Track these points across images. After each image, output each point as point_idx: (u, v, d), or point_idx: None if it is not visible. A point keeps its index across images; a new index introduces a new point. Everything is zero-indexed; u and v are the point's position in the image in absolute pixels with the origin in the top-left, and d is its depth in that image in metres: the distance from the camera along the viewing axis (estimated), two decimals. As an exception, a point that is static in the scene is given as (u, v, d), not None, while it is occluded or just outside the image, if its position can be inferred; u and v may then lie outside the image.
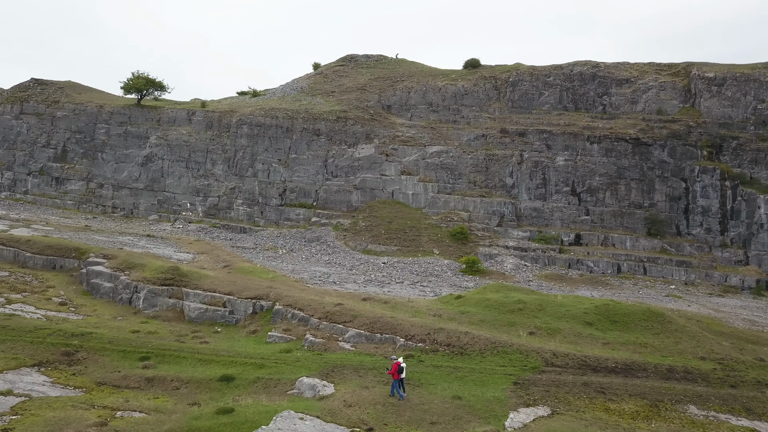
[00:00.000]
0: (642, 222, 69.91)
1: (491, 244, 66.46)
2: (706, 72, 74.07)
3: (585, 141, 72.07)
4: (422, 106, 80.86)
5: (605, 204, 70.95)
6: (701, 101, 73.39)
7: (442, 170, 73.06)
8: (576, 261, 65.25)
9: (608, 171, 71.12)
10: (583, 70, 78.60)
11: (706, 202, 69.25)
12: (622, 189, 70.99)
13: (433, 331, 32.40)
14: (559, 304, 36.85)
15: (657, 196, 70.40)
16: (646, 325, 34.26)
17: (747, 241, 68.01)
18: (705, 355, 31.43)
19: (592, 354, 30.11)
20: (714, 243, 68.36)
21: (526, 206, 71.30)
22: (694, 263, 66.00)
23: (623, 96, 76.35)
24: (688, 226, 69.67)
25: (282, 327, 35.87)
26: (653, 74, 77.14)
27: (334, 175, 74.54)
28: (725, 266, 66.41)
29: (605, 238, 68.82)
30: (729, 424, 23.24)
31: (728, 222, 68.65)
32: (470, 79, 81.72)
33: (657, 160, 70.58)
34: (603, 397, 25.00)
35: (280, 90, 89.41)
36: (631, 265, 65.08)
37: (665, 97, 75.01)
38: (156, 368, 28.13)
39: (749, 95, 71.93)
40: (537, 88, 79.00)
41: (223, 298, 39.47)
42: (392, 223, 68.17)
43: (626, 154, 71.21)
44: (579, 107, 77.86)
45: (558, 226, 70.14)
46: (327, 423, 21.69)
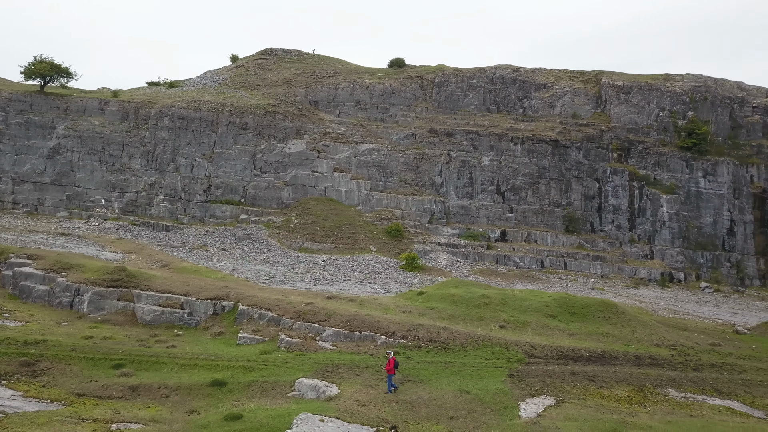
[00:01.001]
0: (560, 219, 74.26)
1: (424, 241, 67.77)
2: (615, 80, 79.96)
3: (509, 142, 75.34)
4: (350, 104, 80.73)
5: (527, 202, 74.58)
6: (611, 107, 79.11)
7: (374, 168, 73.43)
8: (504, 257, 68.12)
9: (530, 171, 74.82)
10: (505, 74, 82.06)
11: (616, 201, 74.78)
12: (542, 188, 74.95)
13: (412, 327, 32.69)
14: (520, 299, 38.43)
15: (574, 195, 75.05)
16: (602, 316, 36.61)
17: (652, 237, 74.30)
18: (659, 342, 34.15)
19: (565, 345, 31.76)
20: (624, 239, 74.02)
21: (454, 204, 73.37)
22: (608, 258, 71.12)
23: (542, 100, 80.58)
24: (601, 224, 74.90)
25: (251, 328, 34.62)
26: (568, 80, 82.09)
27: (263, 170, 72.61)
28: (634, 260, 72.17)
29: (528, 235, 72.37)
30: (707, 404, 25.50)
31: (636, 219, 74.61)
32: (397, 78, 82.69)
33: (574, 162, 75.24)
34: (594, 384, 26.52)
35: (199, 81, 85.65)
36: (553, 260, 68.96)
37: (579, 103, 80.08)
38: (136, 376, 26.21)
39: (652, 103, 78.53)
40: (462, 89, 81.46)
41: (180, 299, 37.37)
42: (327, 220, 67.61)
43: (546, 155, 75.28)
44: (501, 109, 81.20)
45: (484, 224, 72.83)
46: (350, 423, 21.35)
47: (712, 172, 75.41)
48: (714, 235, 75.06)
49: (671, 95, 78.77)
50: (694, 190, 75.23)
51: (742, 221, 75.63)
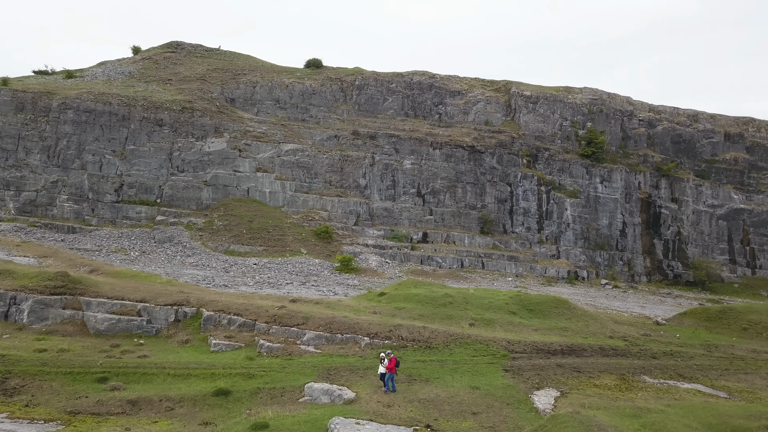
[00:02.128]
0: (476, 221, 77.69)
1: (353, 243, 68.00)
2: (523, 91, 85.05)
3: (428, 147, 77.61)
4: (269, 102, 79.01)
5: (445, 205, 77.25)
6: (520, 116, 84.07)
7: (299, 169, 72.48)
8: (427, 257, 70.06)
9: (448, 175, 77.58)
10: (422, 80, 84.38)
11: (526, 204, 79.57)
12: (459, 191, 77.99)
13: (393, 327, 33.02)
14: (480, 297, 40.04)
15: (488, 199, 78.83)
16: (558, 312, 39.12)
17: (558, 238, 79.89)
18: (611, 334, 37.17)
19: (537, 340, 33.65)
20: (533, 240, 78.93)
21: (378, 206, 74.28)
22: (521, 258, 75.48)
23: (457, 107, 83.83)
24: (513, 225, 79.33)
25: (222, 334, 33.16)
26: (480, 88, 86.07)
27: (180, 169, 69.06)
28: (543, 260, 77.19)
29: (447, 236, 74.99)
30: (680, 387, 28.30)
31: (544, 222, 79.84)
32: (317, 79, 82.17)
33: (488, 166, 79.05)
34: (583, 375, 28.45)
35: (101, 73, 79.59)
36: (472, 260, 71.98)
37: (491, 110, 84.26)
38: (129, 389, 24.29)
39: (556, 113, 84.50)
40: (382, 93, 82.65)
41: (136, 306, 34.88)
42: (253, 222, 65.74)
43: (463, 160, 78.44)
44: (418, 114, 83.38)
45: (407, 225, 74.44)
46: (386, 425, 21.37)
47: (608, 178, 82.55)
48: (609, 236, 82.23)
49: (572, 107, 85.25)
50: (593, 194, 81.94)
51: (632, 223, 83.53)
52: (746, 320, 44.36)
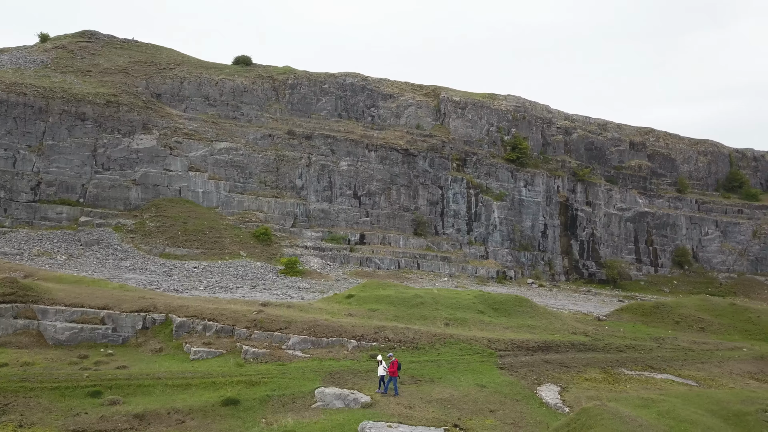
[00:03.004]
0: (410, 223, 78.83)
1: (292, 245, 66.80)
2: (452, 96, 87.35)
3: (364, 148, 77.78)
4: (198, 99, 75.81)
5: (381, 207, 77.76)
6: (450, 121, 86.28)
7: (233, 168, 70.12)
8: (366, 259, 70.17)
9: (384, 177, 78.16)
10: (354, 81, 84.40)
11: (456, 206, 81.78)
12: (394, 193, 78.80)
13: (377, 329, 32.90)
14: (447, 297, 40.77)
15: (420, 201, 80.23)
16: (521, 310, 40.63)
17: (486, 239, 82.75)
18: (573, 330, 39.14)
19: (514, 338, 34.80)
20: (463, 241, 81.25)
21: (314, 207, 73.43)
22: (453, 258, 77.47)
23: (389, 110, 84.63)
24: (444, 227, 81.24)
25: (199, 341, 31.52)
26: (411, 92, 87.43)
27: (106, 167, 64.64)
28: (474, 260, 79.66)
29: (383, 238, 75.51)
30: (654, 378, 30.37)
31: (473, 223, 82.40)
32: (248, 76, 79.89)
33: (421, 169, 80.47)
34: (572, 370, 29.78)
35: (8, 60, 72.75)
36: (408, 261, 72.96)
37: (422, 114, 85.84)
38: (128, 403, 22.51)
39: (483, 119, 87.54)
40: (315, 93, 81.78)
41: (99, 313, 32.30)
42: (188, 223, 62.80)
43: (397, 162, 79.33)
44: (351, 116, 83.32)
45: (344, 227, 74.17)
46: (416, 426, 21.33)
47: (531, 182, 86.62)
48: (532, 237, 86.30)
49: (498, 113, 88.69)
50: (517, 197, 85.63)
51: (552, 225, 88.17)
52: (677, 314, 48.27)
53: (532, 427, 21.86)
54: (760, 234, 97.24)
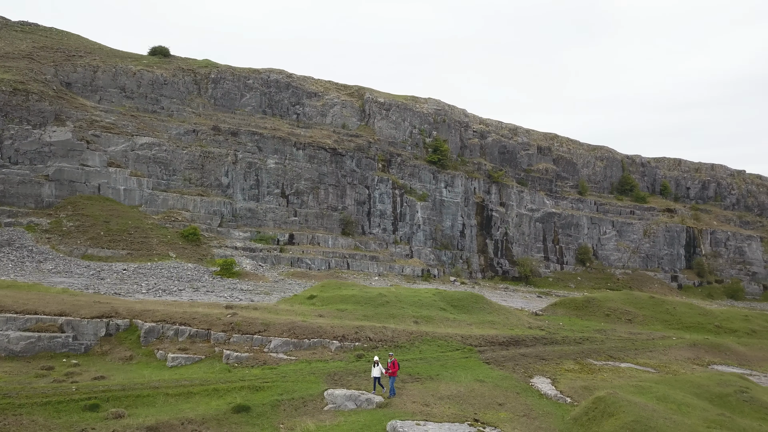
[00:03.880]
0: (338, 223, 78.59)
1: (221, 245, 64.39)
2: (377, 97, 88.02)
3: (292, 147, 76.48)
4: (113, 90, 70.89)
5: (309, 206, 76.87)
6: (374, 121, 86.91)
7: (155, 165, 66.32)
8: (297, 259, 69.14)
9: (312, 176, 77.31)
10: (279, 78, 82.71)
11: (383, 206, 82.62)
12: (322, 193, 78.17)
13: (357, 329, 32.70)
14: (408, 296, 41.24)
15: (348, 201, 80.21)
16: (478, 306, 41.96)
17: (410, 239, 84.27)
18: (528, 325, 41.03)
19: (485, 333, 35.92)
20: (389, 240, 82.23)
21: (242, 206, 71.20)
22: (380, 258, 78.20)
23: (315, 108, 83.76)
24: (370, 227, 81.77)
25: (174, 347, 29.74)
26: (335, 92, 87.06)
27: (14, 161, 58.85)
28: (400, 259, 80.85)
29: (312, 238, 74.72)
30: (619, 367, 32.57)
31: (398, 223, 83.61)
32: (167, 68, 75.84)
33: (348, 169, 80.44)
34: (551, 363, 31.21)
35: None
36: (338, 261, 72.77)
37: (347, 114, 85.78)
38: (135, 415, 20.84)
39: (406, 121, 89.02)
40: (239, 89, 79.20)
41: (56, 320, 29.49)
42: (110, 223, 58.65)
43: (325, 161, 78.77)
44: (276, 113, 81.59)
45: (271, 227, 72.54)
46: (441, 423, 21.56)
47: (451, 183, 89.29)
48: (452, 236, 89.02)
49: (420, 115, 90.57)
50: (439, 198, 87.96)
51: (470, 225, 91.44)
52: (606, 308, 51.99)
53: (543, 418, 22.80)
54: (649, 233, 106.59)
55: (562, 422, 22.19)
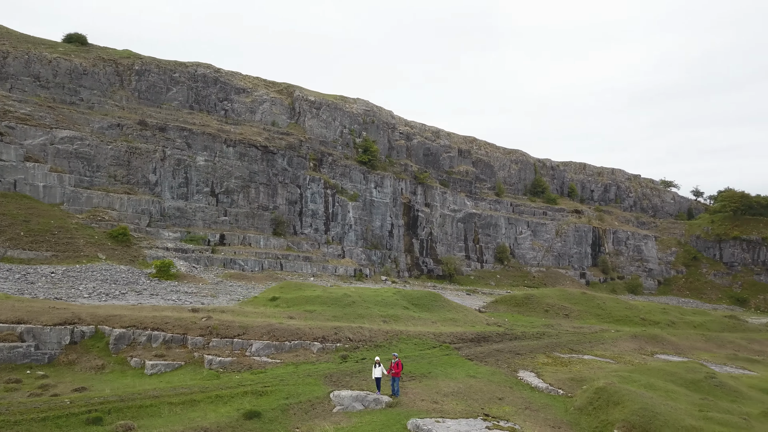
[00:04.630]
0: (269, 223, 76.99)
1: (151, 246, 61.18)
2: (308, 96, 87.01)
3: (222, 144, 73.98)
4: (26, 78, 65.32)
5: (239, 205, 74.72)
6: (305, 120, 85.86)
7: (77, 160, 61.84)
8: (230, 260, 67.05)
9: (243, 174, 75.18)
10: (206, 72, 79.70)
11: (314, 206, 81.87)
12: (252, 192, 76.23)
13: (335, 330, 32.37)
14: (370, 295, 41.29)
15: (279, 200, 78.76)
16: (437, 304, 42.74)
17: (342, 239, 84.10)
18: (486, 322, 42.32)
19: (453, 331, 36.69)
20: (321, 240, 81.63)
21: (170, 205, 67.98)
22: (314, 258, 77.48)
23: (244, 104, 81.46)
24: (302, 227, 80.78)
25: (149, 353, 28.05)
26: (264, 88, 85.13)
27: None
28: (332, 259, 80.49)
29: (244, 238, 72.73)
30: (583, 359, 34.41)
31: (330, 223, 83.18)
32: (86, 57, 70.87)
33: (280, 168, 78.99)
34: (525, 357, 32.40)
35: None
36: (271, 262, 71.36)
37: (277, 111, 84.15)
38: (146, 427, 19.47)
39: (337, 120, 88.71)
40: (165, 82, 75.47)
41: (15, 328, 26.89)
42: (30, 222, 54.05)
43: (256, 159, 76.87)
44: (203, 108, 78.57)
45: (201, 226, 69.85)
46: (458, 419, 21.91)
47: (380, 184, 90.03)
48: (381, 236, 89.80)
49: (350, 115, 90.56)
50: (369, 198, 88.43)
51: (398, 225, 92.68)
52: (545, 304, 54.64)
53: (545, 410, 23.75)
54: (560, 233, 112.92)
55: (566, 413, 23.24)
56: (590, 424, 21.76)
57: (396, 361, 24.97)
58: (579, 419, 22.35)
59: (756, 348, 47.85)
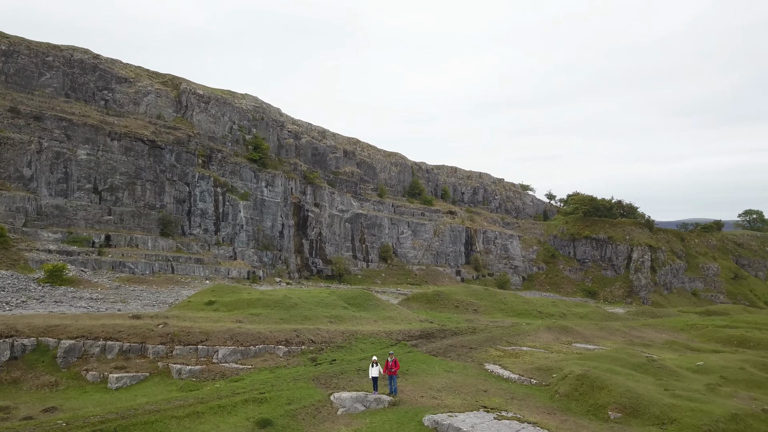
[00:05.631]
0: (156, 222, 72.10)
1: (31, 248, 54.75)
2: (196, 89, 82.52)
3: (106, 136, 67.92)
4: None
5: (125, 204, 69.16)
6: (193, 114, 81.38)
7: (-63, 150, 53.48)
8: (119, 263, 61.98)
9: (128, 170, 69.65)
10: (84, 58, 72.58)
11: (204, 205, 78.00)
12: (138, 189, 70.90)
13: (296, 332, 31.53)
14: (309, 297, 40.57)
15: (167, 198, 74.01)
16: (371, 303, 43.05)
17: (233, 240, 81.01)
18: (420, 320, 43.36)
19: (400, 329, 37.23)
20: (211, 242, 78.02)
21: (48, 203, 61.17)
22: (205, 260, 73.91)
23: (127, 95, 75.34)
24: (191, 227, 76.61)
25: (106, 365, 25.45)
26: (148, 79, 79.39)
27: None
28: (224, 261, 77.32)
29: (131, 239, 67.51)
30: (522, 349, 36.60)
31: (220, 223, 79.73)
32: (-60, 31, 61.39)
33: (168, 164, 74.22)
34: (479, 350, 33.73)
35: None
36: (162, 264, 67.03)
37: (163, 104, 78.87)
38: (162, 445, 17.76)
39: (226, 116, 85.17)
40: (37, 66, 67.47)
41: (-56, 346, 22.91)
42: None
43: (143, 154, 71.58)
44: (80, 97, 71.46)
45: (83, 226, 63.69)
46: (464, 413, 22.51)
47: (271, 182, 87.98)
48: (273, 237, 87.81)
49: (240, 111, 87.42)
50: (260, 198, 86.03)
51: (288, 225, 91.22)
52: (454, 300, 57.12)
53: (530, 399, 25.12)
54: (438, 233, 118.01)
55: (552, 400, 24.82)
56: (581, 408, 23.48)
57: (394, 359, 24.98)
58: (568, 405, 24.00)
59: (636, 334, 53.90)
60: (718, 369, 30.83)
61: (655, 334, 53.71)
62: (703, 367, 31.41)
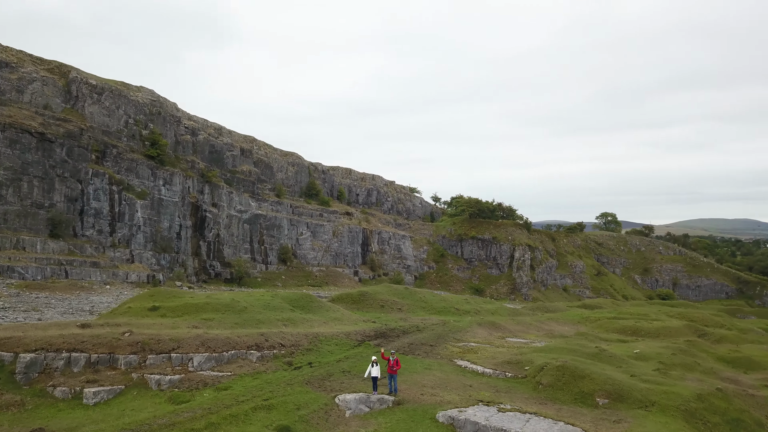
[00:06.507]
0: (45, 223, 65.63)
1: None
2: (88, 79, 75.86)
3: (-13, 126, 60.60)
4: None
5: (9, 202, 62.19)
6: (85, 105, 74.77)
7: None
8: (7, 268, 56.04)
9: (13, 165, 62.69)
10: (-43, 36, 64.14)
11: (98, 204, 72.09)
12: (25, 186, 64.08)
13: (264, 336, 30.37)
14: (255, 301, 39.04)
15: (57, 197, 67.55)
16: (315, 305, 42.35)
17: (129, 241, 75.63)
18: (365, 321, 43.34)
19: (355, 330, 37.03)
20: (106, 243, 72.32)
21: None
22: (102, 263, 68.46)
23: (9, 82, 67.55)
24: (83, 228, 70.52)
25: (74, 380, 23.00)
26: (32, 65, 71.79)
27: None
28: (121, 264, 72.00)
29: (17, 241, 60.95)
30: (469, 344, 37.87)
31: (116, 224, 74.07)
32: None
33: (59, 159, 67.72)
34: (439, 347, 34.38)
35: None
36: (54, 268, 61.37)
37: (50, 93, 71.71)
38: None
39: (121, 109, 79.20)
40: None
41: None
42: None
43: (30, 148, 64.73)
44: (-48, 81, 63.14)
45: (-38, 228, 56.42)
46: (472, 407, 23.08)
47: (169, 181, 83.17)
48: (170, 238, 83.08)
49: (136, 104, 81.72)
50: (157, 197, 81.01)
51: (186, 226, 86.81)
52: (379, 299, 57.66)
53: (514, 391, 26.18)
54: (337, 234, 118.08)
55: (536, 391, 26.11)
56: (568, 397, 24.97)
57: (395, 358, 24.85)
58: (555, 395, 25.40)
59: (547, 327, 57.76)
60: (654, 356, 34.07)
61: (560, 327, 57.74)
62: (641, 354, 34.57)
